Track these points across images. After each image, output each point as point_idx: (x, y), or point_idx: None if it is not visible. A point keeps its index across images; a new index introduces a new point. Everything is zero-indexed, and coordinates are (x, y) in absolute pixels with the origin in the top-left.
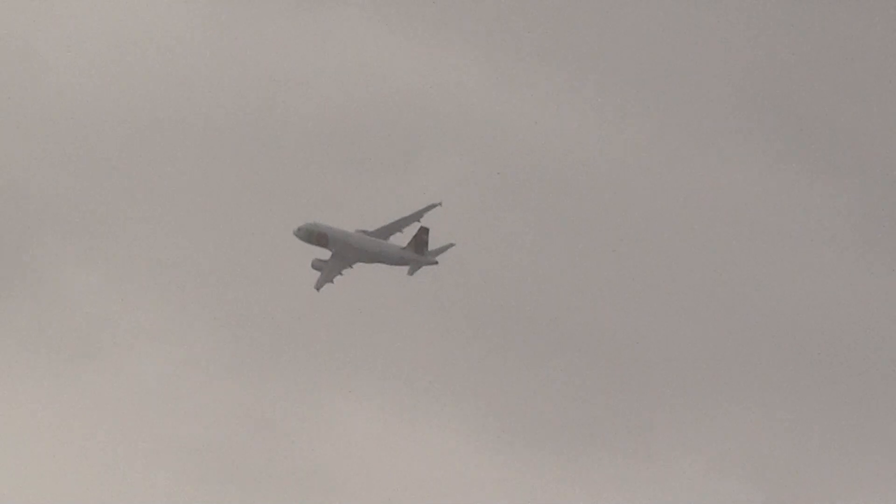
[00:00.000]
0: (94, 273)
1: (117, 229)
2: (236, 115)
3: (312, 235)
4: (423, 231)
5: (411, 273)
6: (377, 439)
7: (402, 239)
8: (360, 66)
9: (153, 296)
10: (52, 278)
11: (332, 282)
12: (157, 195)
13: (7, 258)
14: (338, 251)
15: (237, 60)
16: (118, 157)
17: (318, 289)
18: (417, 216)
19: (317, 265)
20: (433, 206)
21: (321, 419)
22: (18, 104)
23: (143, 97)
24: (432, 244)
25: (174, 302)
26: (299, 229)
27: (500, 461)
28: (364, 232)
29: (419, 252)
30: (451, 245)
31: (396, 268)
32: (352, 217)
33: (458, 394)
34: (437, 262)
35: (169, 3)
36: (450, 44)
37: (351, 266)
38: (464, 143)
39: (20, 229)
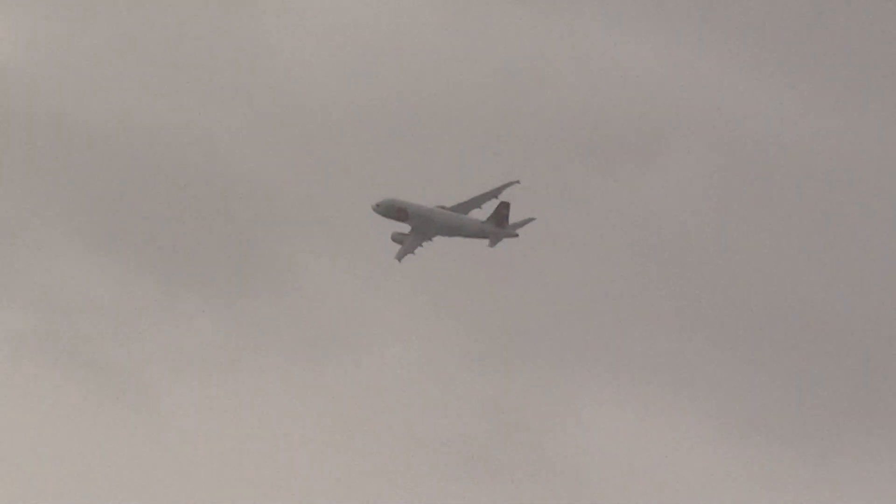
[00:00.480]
0: (340, 268)
1: (360, 225)
2: (478, 108)
3: (392, 210)
4: (504, 205)
5: (492, 245)
6: (623, 433)
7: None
8: (600, 61)
9: (398, 291)
10: (298, 274)
11: (413, 253)
12: (402, 190)
13: (254, 254)
14: (417, 225)
15: (476, 55)
16: (362, 154)
17: (399, 259)
18: (495, 193)
19: (396, 238)
20: (511, 183)
21: (566, 413)
22: (257, 100)
23: (382, 91)
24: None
25: (419, 296)
26: (378, 205)
27: (747, 457)
28: (442, 207)
29: (500, 225)
30: (532, 219)
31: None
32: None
33: (701, 388)
34: (517, 235)
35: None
36: (687, 37)
37: (430, 239)
38: (706, 136)
39: (266, 226)
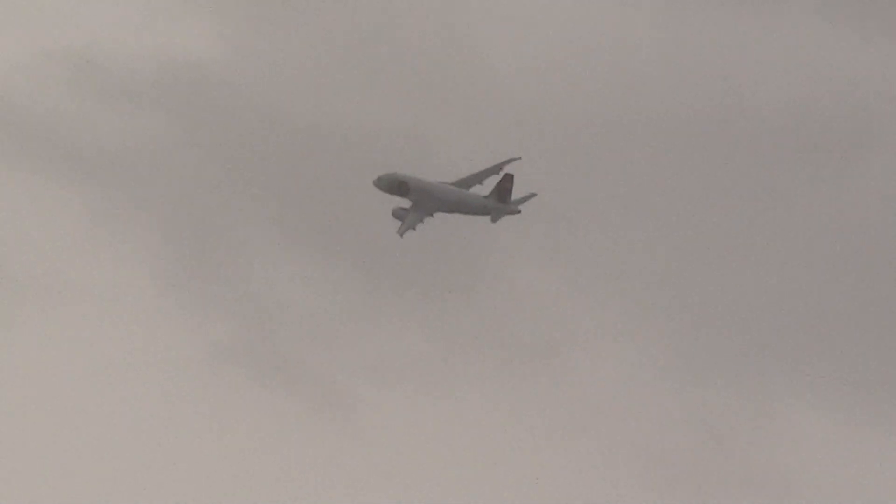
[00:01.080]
0: (551, 270)
1: (581, 225)
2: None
3: (393, 185)
4: (508, 178)
5: (494, 221)
6: (833, 444)
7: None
8: (807, 63)
9: (612, 293)
10: (508, 276)
11: (414, 229)
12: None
13: (465, 256)
14: (419, 200)
15: (691, 61)
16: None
17: (401, 235)
18: (496, 169)
19: (397, 213)
20: (513, 159)
21: (771, 425)
22: (466, 99)
23: (590, 99)
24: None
25: (634, 300)
26: (379, 179)
27: None
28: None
29: (502, 200)
30: (533, 195)
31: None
32: None
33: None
34: (520, 211)
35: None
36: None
37: (432, 215)
38: None
39: (469, 229)
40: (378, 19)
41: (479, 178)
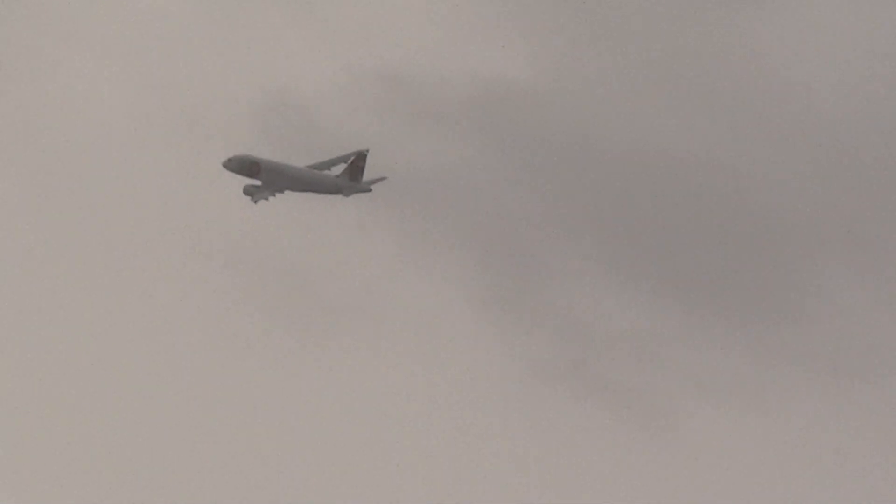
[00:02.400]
0: (866, 289)
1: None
2: None
3: (244, 165)
4: (361, 157)
5: (346, 196)
6: None
7: None
8: None
9: None
10: (821, 297)
11: (266, 199)
12: None
13: (774, 277)
14: (269, 179)
15: None
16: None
17: (255, 202)
18: (344, 159)
19: (248, 190)
20: (361, 152)
21: None
22: (770, 122)
23: None
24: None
25: None
26: (230, 160)
27: None
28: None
29: (354, 179)
30: (384, 178)
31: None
32: None
33: None
34: (370, 190)
35: None
36: None
37: (282, 192)
38: None
39: (786, 248)
40: (694, 44)
41: (326, 165)
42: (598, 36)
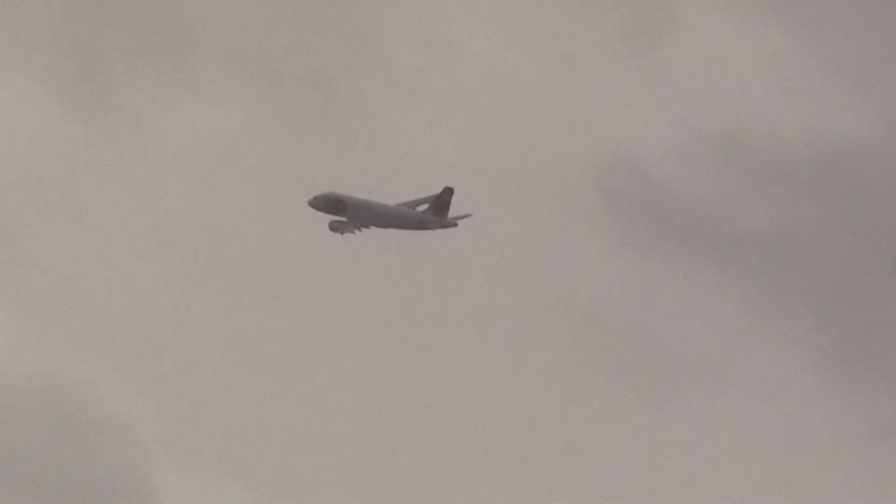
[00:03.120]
0: None
1: None
2: None
3: (330, 203)
4: (448, 191)
5: (431, 229)
6: None
7: None
8: None
9: None
10: None
11: (353, 232)
12: None
13: None
14: (355, 215)
15: None
16: None
17: (342, 234)
18: (428, 199)
19: (334, 226)
20: (448, 188)
21: None
22: None
23: None
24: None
25: None
26: (315, 198)
27: None
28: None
29: (440, 214)
30: (468, 215)
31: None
32: None
33: None
34: (456, 225)
35: None
36: None
37: (368, 227)
38: None
39: None
40: None
41: (412, 204)
42: None
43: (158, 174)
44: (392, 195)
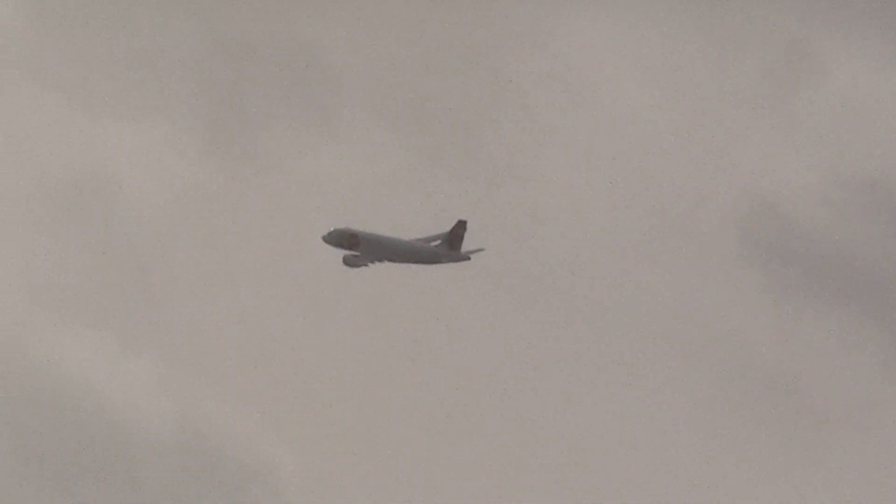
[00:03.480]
0: None
1: None
2: None
3: (344, 238)
4: (461, 225)
5: (444, 263)
6: None
7: None
8: None
9: None
10: None
11: (367, 266)
12: None
13: None
14: (368, 249)
15: None
16: None
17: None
18: (441, 236)
19: (349, 261)
20: (461, 221)
21: None
22: None
23: None
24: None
25: None
26: (329, 233)
27: None
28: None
29: (453, 247)
30: (482, 249)
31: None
32: None
33: None
34: (469, 258)
35: None
36: None
37: (381, 261)
38: None
39: None
40: None
41: (426, 241)
42: None
43: (299, 218)
44: (534, 238)
